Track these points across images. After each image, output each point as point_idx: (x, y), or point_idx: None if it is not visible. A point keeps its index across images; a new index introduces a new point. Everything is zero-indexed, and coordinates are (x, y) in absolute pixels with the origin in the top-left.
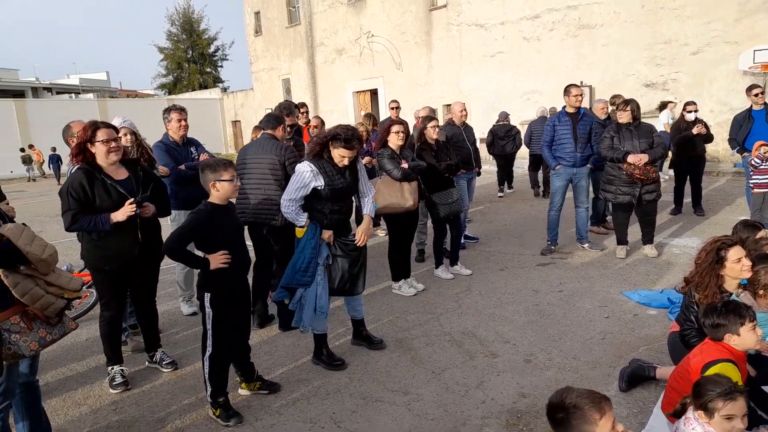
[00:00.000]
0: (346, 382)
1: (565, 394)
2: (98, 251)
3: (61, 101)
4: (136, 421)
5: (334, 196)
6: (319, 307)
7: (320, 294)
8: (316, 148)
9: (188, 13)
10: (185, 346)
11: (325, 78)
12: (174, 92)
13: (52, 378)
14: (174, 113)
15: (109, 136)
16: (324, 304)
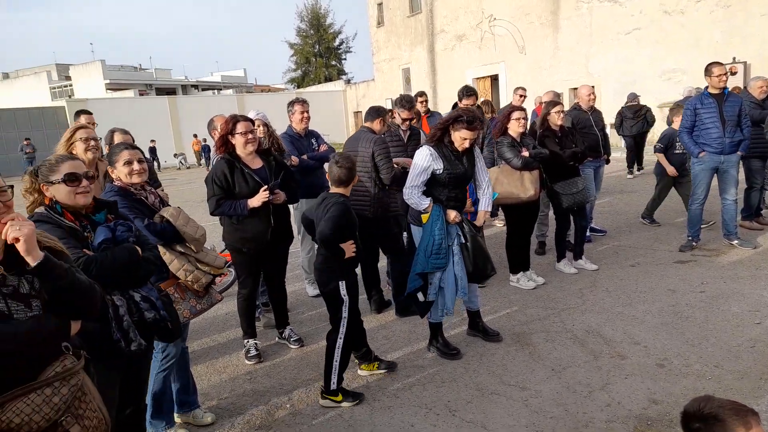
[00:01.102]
0: (462, 372)
1: (704, 402)
2: (237, 234)
3: (205, 97)
4: (267, 391)
5: (452, 181)
6: (462, 288)
7: (460, 275)
8: (437, 132)
9: (316, 8)
10: (310, 325)
11: (444, 65)
12: (302, 86)
13: (198, 347)
14: (297, 105)
15: (246, 129)
16: (465, 285)
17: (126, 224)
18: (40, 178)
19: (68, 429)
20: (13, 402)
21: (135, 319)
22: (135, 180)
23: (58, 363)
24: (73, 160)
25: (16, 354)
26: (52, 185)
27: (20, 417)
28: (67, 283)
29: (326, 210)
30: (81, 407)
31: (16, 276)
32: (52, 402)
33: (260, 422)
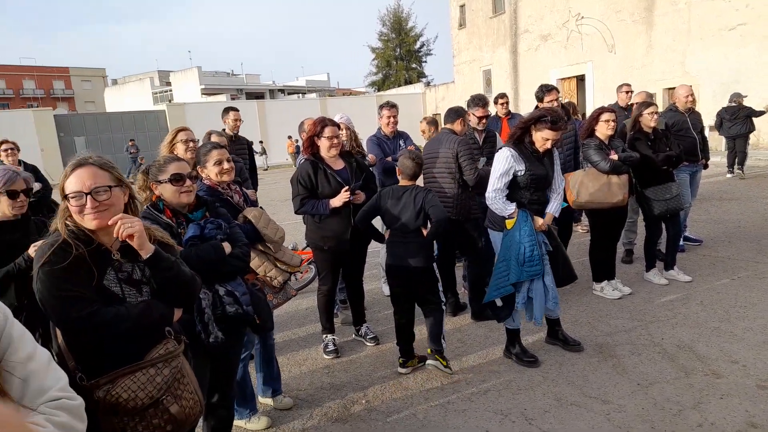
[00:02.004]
0: (539, 381)
1: None
2: (319, 232)
3: (290, 101)
4: (344, 386)
5: (534, 183)
6: (553, 298)
7: (551, 285)
8: (517, 132)
9: (398, 12)
10: (385, 324)
11: (527, 66)
12: (382, 89)
13: (280, 339)
14: (384, 110)
15: (332, 133)
16: (557, 296)
17: (215, 222)
18: (150, 177)
19: (168, 407)
20: (122, 379)
21: (218, 313)
22: (224, 179)
23: (161, 346)
24: (178, 162)
25: (127, 334)
26: (160, 184)
27: (127, 393)
28: (173, 274)
29: (423, 200)
30: (180, 388)
31: (131, 263)
32: (155, 381)
33: (337, 415)
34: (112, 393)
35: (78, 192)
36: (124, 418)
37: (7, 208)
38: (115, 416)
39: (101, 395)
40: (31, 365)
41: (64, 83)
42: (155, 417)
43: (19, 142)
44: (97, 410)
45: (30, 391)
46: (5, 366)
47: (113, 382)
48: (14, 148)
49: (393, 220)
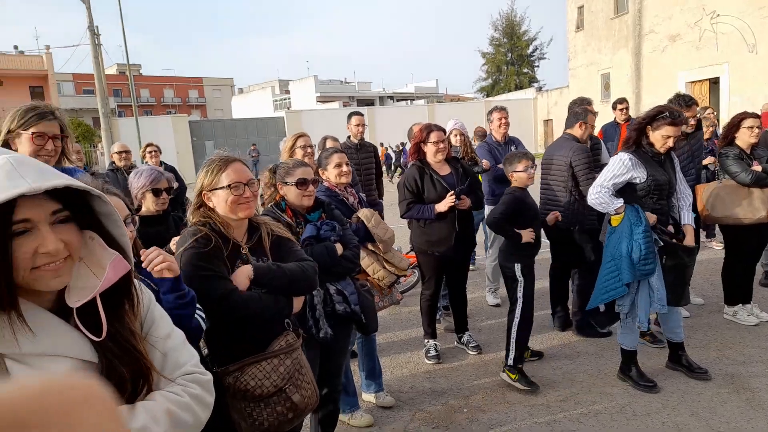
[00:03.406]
0: (658, 408)
1: None
2: (423, 236)
3: (399, 108)
4: (445, 392)
5: (657, 190)
6: (659, 299)
7: (656, 286)
8: (633, 134)
9: (511, 17)
10: (489, 334)
11: (651, 69)
12: (491, 94)
13: (382, 340)
14: (496, 113)
15: (438, 138)
16: (663, 297)
17: (331, 224)
18: (278, 177)
19: (290, 396)
20: (249, 368)
21: (328, 310)
22: (343, 181)
23: (282, 338)
24: (305, 167)
25: (257, 317)
26: (286, 185)
27: (254, 380)
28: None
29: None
30: (299, 379)
31: (256, 257)
32: (278, 371)
33: (438, 421)
34: (241, 380)
35: (238, 182)
36: (250, 404)
37: (151, 204)
38: (243, 401)
39: (231, 381)
40: (170, 342)
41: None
42: (279, 404)
43: (159, 145)
44: (227, 395)
45: (169, 364)
46: (150, 341)
47: (241, 370)
48: (157, 150)
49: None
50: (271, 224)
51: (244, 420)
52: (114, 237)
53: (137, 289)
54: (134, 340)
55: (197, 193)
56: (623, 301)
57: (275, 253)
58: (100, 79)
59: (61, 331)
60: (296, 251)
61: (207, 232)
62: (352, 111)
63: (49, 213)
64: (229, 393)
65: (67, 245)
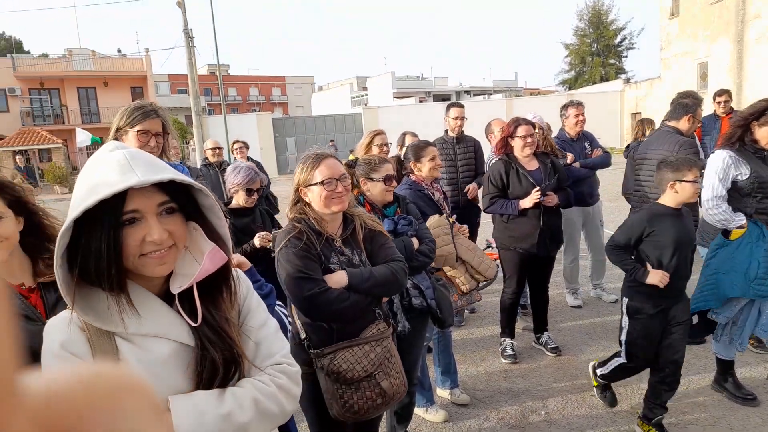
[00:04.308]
0: (757, 423)
1: None
2: (506, 232)
3: (476, 102)
4: (522, 393)
5: (761, 188)
6: (762, 325)
7: (766, 310)
8: (737, 131)
9: (597, 6)
10: (568, 335)
11: (755, 58)
12: (574, 87)
13: (457, 336)
14: (571, 109)
15: (526, 132)
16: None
17: (408, 218)
18: (360, 173)
19: (380, 382)
20: (342, 352)
21: (404, 304)
22: (435, 174)
23: (373, 326)
24: (389, 164)
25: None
26: (371, 181)
27: (347, 364)
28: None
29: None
30: (389, 366)
31: (350, 249)
32: (369, 357)
33: (514, 422)
34: (335, 362)
35: (331, 178)
36: (342, 386)
37: (242, 200)
38: (336, 383)
39: (325, 363)
40: (263, 332)
41: (280, 90)
42: (368, 389)
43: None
44: (321, 376)
45: (260, 354)
46: (244, 330)
47: (335, 353)
48: (243, 147)
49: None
50: (364, 216)
51: (336, 401)
52: (215, 228)
53: (235, 280)
54: (228, 327)
55: (294, 189)
56: (721, 313)
57: (368, 245)
58: (193, 80)
59: (164, 315)
60: (388, 247)
61: (301, 228)
62: (450, 102)
63: (156, 204)
64: (323, 374)
65: (171, 235)
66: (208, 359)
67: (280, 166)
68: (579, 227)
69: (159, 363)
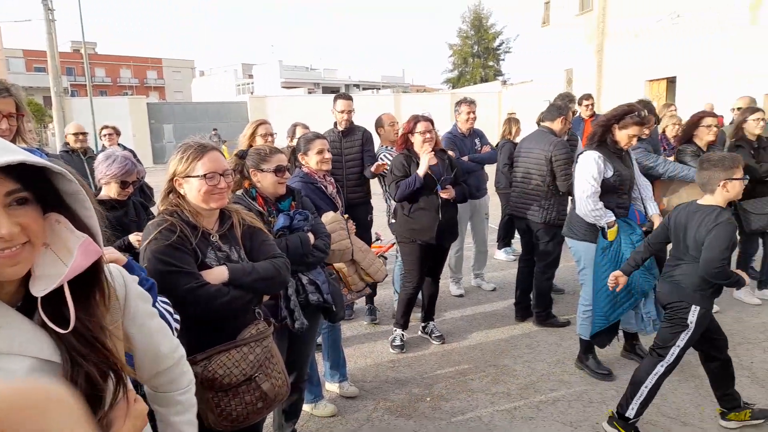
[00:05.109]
0: (613, 395)
1: None
2: (408, 225)
3: (364, 96)
4: (408, 381)
5: (622, 185)
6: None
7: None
8: (600, 131)
9: (478, 10)
10: (451, 323)
11: (613, 67)
12: (457, 86)
13: (347, 330)
14: (464, 106)
15: (425, 129)
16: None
17: (304, 213)
18: (250, 164)
19: (260, 384)
20: (218, 356)
21: (301, 300)
22: (324, 167)
23: (252, 326)
24: (281, 154)
25: (225, 309)
26: (261, 172)
27: (223, 369)
28: (252, 279)
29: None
30: (270, 367)
31: (228, 244)
32: (248, 359)
33: (401, 410)
34: (209, 369)
35: (214, 173)
36: (218, 393)
37: (115, 192)
38: (210, 391)
39: (198, 371)
40: (147, 333)
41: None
42: (248, 393)
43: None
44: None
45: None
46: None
47: (210, 358)
48: (113, 133)
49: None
50: (243, 213)
51: (211, 411)
52: (82, 220)
53: (109, 278)
54: (104, 335)
55: (169, 178)
56: (648, 306)
57: (247, 242)
58: (53, 57)
59: (19, 326)
60: (269, 243)
61: (173, 221)
62: (337, 94)
63: (3, 194)
64: (197, 382)
65: (24, 229)
66: (81, 375)
67: (156, 155)
68: (466, 219)
69: None
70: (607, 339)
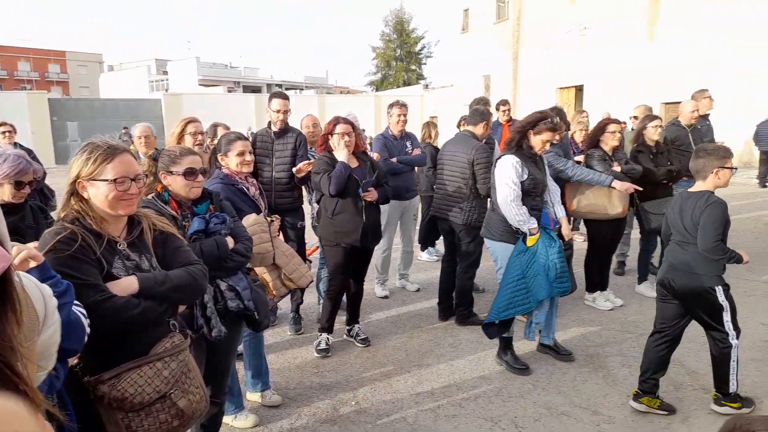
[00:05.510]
0: (530, 389)
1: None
2: (331, 227)
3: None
4: (333, 386)
5: (536, 188)
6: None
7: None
8: (516, 136)
9: (400, 14)
10: (376, 325)
11: (527, 74)
12: (381, 89)
13: (270, 337)
14: (396, 108)
15: (344, 131)
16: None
17: (221, 216)
18: (161, 166)
19: (176, 401)
20: (128, 373)
21: (219, 308)
22: (244, 169)
23: (167, 339)
24: (194, 155)
25: (135, 322)
26: (171, 175)
27: (134, 387)
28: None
29: (702, 211)
30: (186, 382)
31: (138, 253)
32: (162, 375)
33: (326, 416)
34: (118, 388)
35: (125, 177)
36: (129, 414)
37: (9, 195)
38: (120, 412)
39: (106, 390)
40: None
41: (60, 67)
42: (162, 411)
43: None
44: (100, 406)
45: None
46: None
47: (118, 377)
48: (11, 131)
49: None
50: (153, 218)
51: None
52: None
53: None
54: (13, 359)
55: (71, 180)
56: (539, 317)
57: (159, 250)
58: None
59: None
60: (183, 250)
61: (73, 229)
62: (273, 93)
63: None
64: (104, 404)
65: None
66: None
67: (58, 155)
68: (396, 220)
69: None
70: (496, 333)
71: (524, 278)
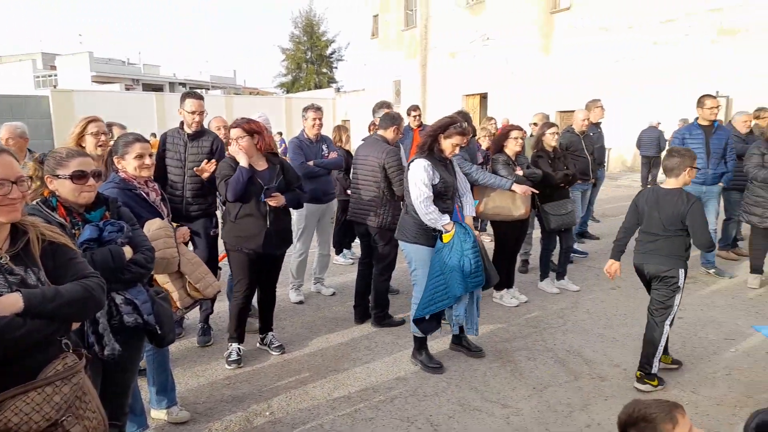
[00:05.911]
0: (444, 387)
1: (632, 407)
2: (233, 232)
3: None
4: (246, 397)
5: (447, 191)
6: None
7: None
8: (428, 140)
9: (310, 16)
10: (291, 332)
11: (435, 80)
12: (292, 91)
13: (175, 348)
14: (310, 112)
15: (237, 135)
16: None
17: (117, 224)
18: (46, 169)
19: (69, 429)
20: (12, 401)
21: (114, 323)
22: (143, 174)
23: (59, 361)
24: (83, 157)
25: (19, 344)
26: (57, 179)
27: (19, 416)
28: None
29: (687, 208)
30: (81, 407)
31: (23, 266)
32: (53, 401)
33: (238, 429)
34: (1, 418)
35: (4, 180)
36: None
37: None
38: None
39: None
40: None
41: None
42: None
43: None
44: None
45: None
46: None
47: (1, 405)
48: None
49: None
50: (42, 227)
51: None
52: None
53: None
54: None
55: None
56: (458, 310)
57: (50, 262)
58: None
59: None
60: (77, 261)
61: None
62: (186, 92)
63: None
64: None
65: None
66: None
67: None
68: (314, 223)
69: None
70: (430, 328)
71: (443, 274)
